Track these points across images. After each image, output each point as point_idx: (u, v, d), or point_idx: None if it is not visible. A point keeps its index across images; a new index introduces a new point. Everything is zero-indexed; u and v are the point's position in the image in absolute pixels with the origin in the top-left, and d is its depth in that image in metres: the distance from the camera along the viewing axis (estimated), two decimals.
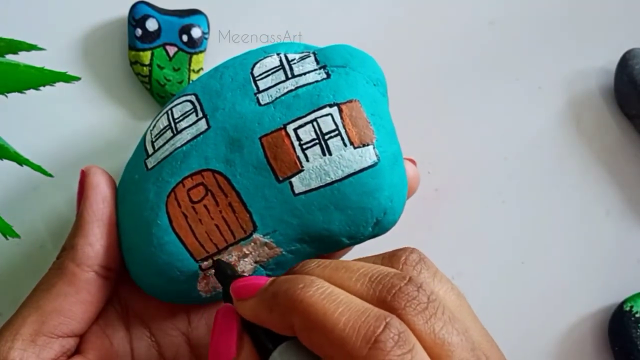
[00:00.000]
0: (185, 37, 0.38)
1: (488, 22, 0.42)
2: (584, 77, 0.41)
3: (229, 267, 0.28)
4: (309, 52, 0.30)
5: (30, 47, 0.32)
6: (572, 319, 0.39)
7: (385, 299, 0.22)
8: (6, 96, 0.32)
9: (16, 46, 0.32)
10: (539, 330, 0.39)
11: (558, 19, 0.42)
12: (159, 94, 0.38)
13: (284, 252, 0.28)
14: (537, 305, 0.39)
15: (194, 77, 0.38)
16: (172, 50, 0.38)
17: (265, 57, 0.30)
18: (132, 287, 0.30)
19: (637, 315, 0.37)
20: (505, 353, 0.38)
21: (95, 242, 0.29)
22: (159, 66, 0.38)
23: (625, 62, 0.40)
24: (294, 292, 0.23)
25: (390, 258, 0.25)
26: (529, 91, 0.41)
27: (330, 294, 0.22)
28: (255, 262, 0.29)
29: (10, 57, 0.32)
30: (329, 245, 0.28)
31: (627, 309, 0.37)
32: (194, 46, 0.38)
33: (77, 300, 0.29)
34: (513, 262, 0.39)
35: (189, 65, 0.38)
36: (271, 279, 0.25)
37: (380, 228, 0.29)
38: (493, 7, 0.42)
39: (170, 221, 0.28)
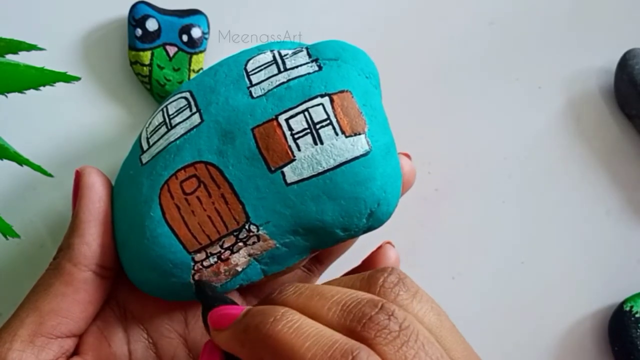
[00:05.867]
0: (185, 37, 0.38)
1: (488, 22, 0.42)
2: (584, 77, 0.41)
3: (209, 288, 0.28)
4: (302, 47, 0.31)
5: (30, 47, 0.32)
6: (572, 319, 0.39)
7: (356, 329, 0.22)
8: (6, 96, 0.32)
9: (16, 46, 0.32)
10: (539, 330, 0.38)
11: (558, 19, 0.42)
12: (159, 94, 0.38)
13: (278, 245, 0.28)
14: (537, 305, 0.39)
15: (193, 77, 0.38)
16: (172, 50, 0.38)
17: (259, 54, 0.30)
18: (130, 288, 0.30)
19: (637, 315, 0.36)
20: (505, 353, 0.38)
21: (91, 242, 0.29)
22: (159, 66, 0.38)
23: (625, 62, 0.40)
24: (263, 327, 0.23)
25: (369, 280, 0.25)
26: (529, 91, 0.41)
27: (298, 327, 0.22)
28: (249, 255, 0.29)
29: (10, 57, 0.32)
30: (323, 237, 0.28)
31: (627, 309, 0.37)
32: (194, 46, 0.38)
33: (74, 300, 0.29)
34: (513, 262, 0.39)
35: (189, 65, 0.38)
36: (245, 309, 0.25)
37: (374, 220, 0.29)
38: (493, 7, 0.42)
39: (163, 213, 0.28)
